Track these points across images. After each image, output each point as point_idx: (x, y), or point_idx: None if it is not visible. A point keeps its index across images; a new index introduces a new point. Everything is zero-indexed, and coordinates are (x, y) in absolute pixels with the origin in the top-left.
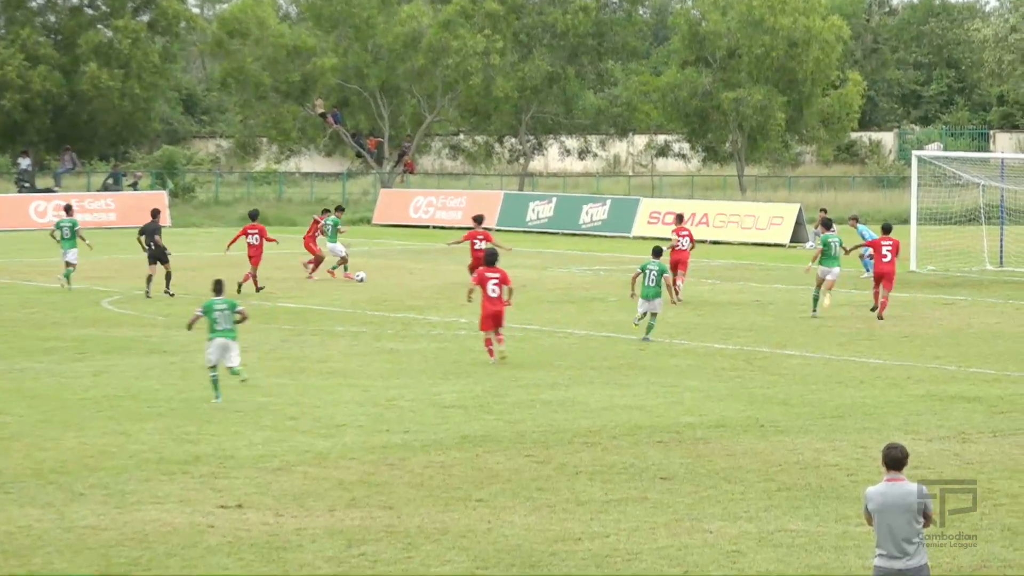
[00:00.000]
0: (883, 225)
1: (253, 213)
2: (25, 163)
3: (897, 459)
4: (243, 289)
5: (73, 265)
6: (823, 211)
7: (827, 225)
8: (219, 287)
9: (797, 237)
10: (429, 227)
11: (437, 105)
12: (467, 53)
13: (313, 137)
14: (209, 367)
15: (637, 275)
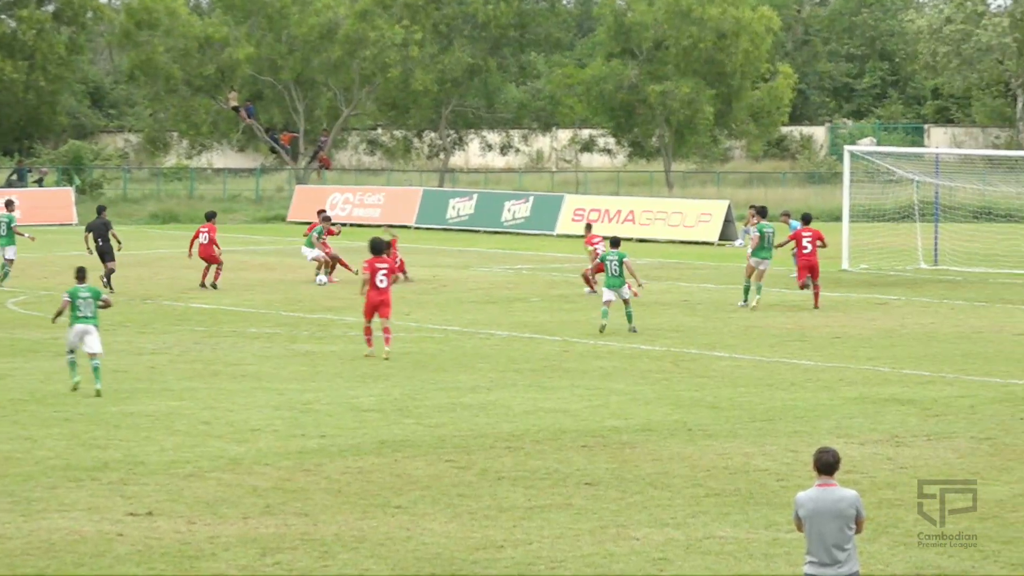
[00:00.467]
0: (803, 215)
1: (209, 214)
2: None
3: (829, 464)
4: (219, 286)
5: (11, 261)
6: (752, 208)
7: (763, 214)
8: (82, 274)
9: (726, 235)
10: (346, 224)
11: (354, 98)
12: (385, 45)
13: (225, 132)
14: (68, 351)
15: (600, 266)
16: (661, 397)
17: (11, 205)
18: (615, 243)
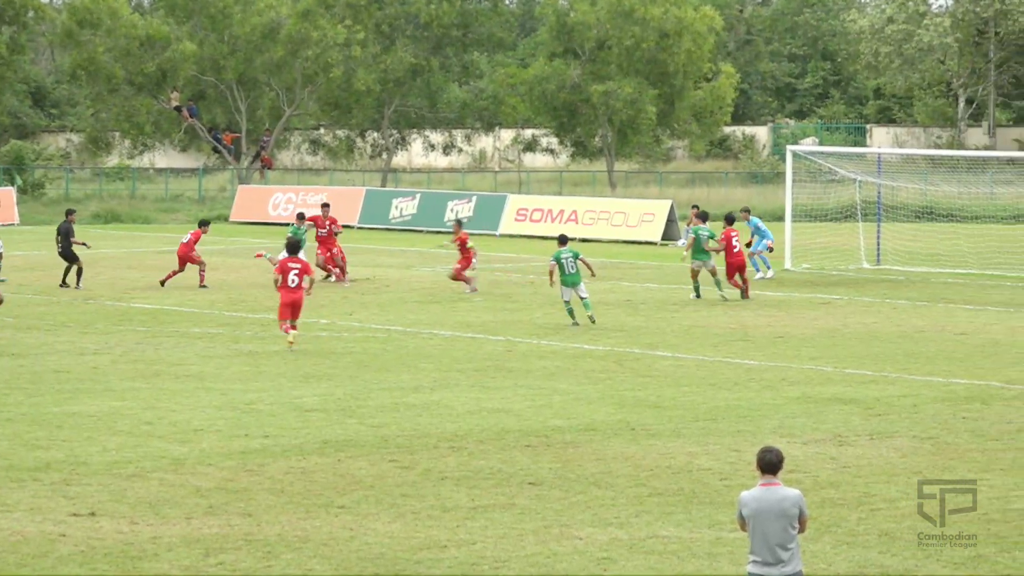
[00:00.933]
0: (726, 216)
1: (201, 221)
2: None
3: (772, 463)
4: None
5: None
6: (695, 207)
7: (703, 218)
8: None
9: (669, 234)
10: (289, 224)
11: (296, 98)
12: (327, 44)
13: (168, 131)
14: None
15: (553, 267)
16: (604, 397)
17: None
18: (563, 240)
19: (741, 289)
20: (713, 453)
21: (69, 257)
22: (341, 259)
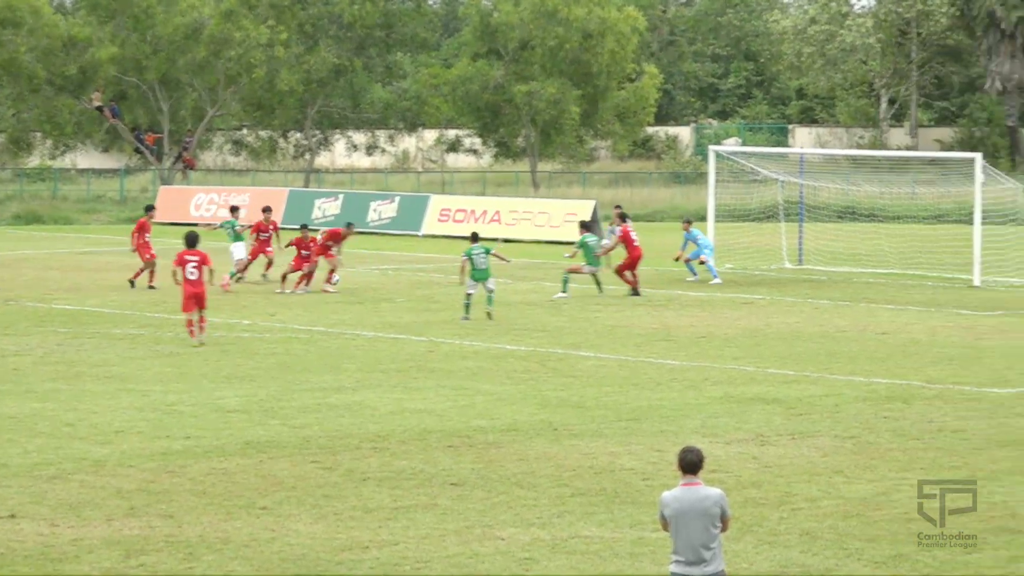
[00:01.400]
0: (620, 214)
1: (147, 207)
2: None
3: (693, 463)
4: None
5: None
6: (618, 207)
7: (588, 227)
8: None
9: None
10: (212, 225)
11: (219, 99)
12: (250, 45)
13: (89, 132)
14: None
15: (465, 262)
16: (527, 397)
17: None
18: (475, 237)
19: (632, 285)
20: (635, 453)
21: None
22: (269, 261)
